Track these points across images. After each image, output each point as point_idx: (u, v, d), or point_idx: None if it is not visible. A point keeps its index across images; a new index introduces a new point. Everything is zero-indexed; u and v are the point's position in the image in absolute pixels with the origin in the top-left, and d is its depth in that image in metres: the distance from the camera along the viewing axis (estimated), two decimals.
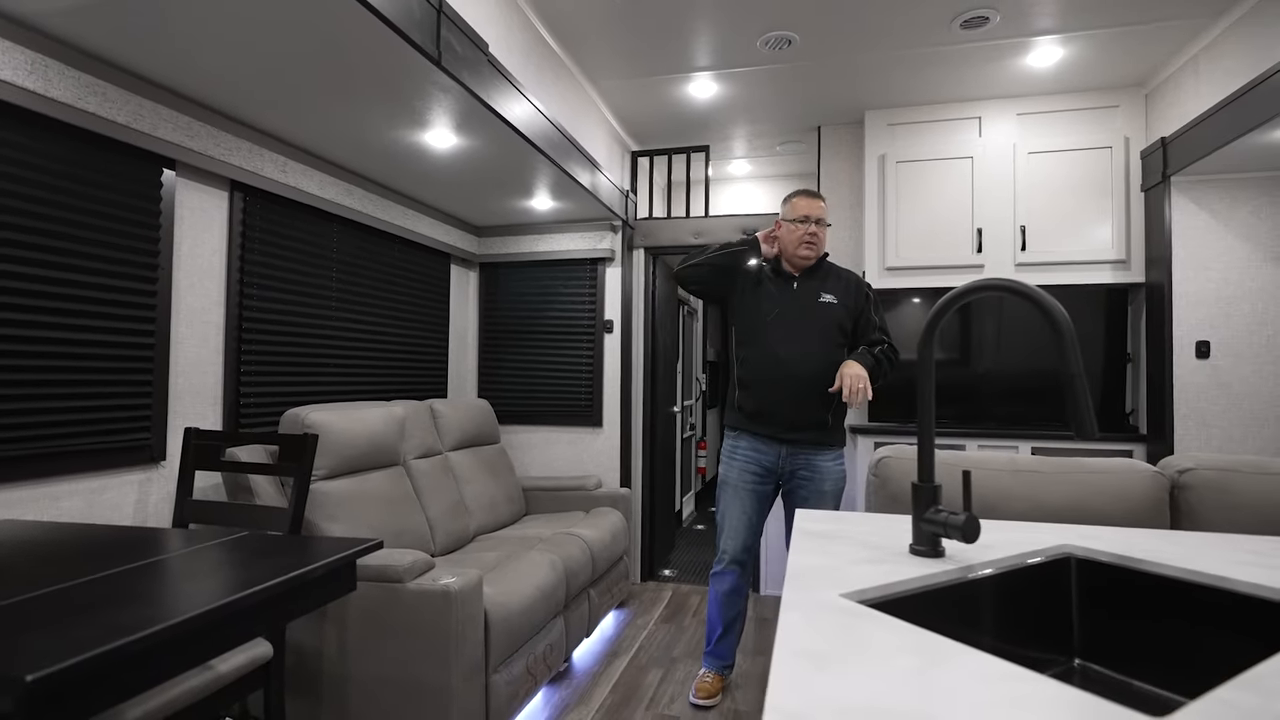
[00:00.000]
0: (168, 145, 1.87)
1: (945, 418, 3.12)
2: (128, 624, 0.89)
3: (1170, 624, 0.97)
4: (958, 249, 3.03)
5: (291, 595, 1.16)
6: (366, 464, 2.32)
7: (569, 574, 2.41)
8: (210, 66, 1.74)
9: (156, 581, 1.12)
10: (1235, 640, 0.90)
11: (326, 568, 1.18)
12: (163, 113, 1.85)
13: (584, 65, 2.83)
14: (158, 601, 1.01)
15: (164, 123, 1.86)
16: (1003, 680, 0.58)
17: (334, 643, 1.82)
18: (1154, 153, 2.73)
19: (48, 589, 1.04)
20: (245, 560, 1.26)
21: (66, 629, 0.87)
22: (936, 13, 2.36)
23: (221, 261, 2.12)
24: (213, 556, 1.29)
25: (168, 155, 1.88)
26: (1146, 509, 1.32)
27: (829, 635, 0.68)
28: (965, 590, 0.95)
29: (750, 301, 2.19)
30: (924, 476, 1.02)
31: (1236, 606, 0.90)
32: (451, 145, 2.33)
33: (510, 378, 3.64)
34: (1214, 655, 0.93)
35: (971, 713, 0.52)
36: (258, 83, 1.84)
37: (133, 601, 1.00)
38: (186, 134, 1.92)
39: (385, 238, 2.92)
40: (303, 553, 1.29)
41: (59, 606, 0.97)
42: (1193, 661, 0.94)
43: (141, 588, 1.08)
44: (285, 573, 1.13)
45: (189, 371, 2.01)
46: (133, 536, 1.46)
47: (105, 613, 0.94)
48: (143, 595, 1.04)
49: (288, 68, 1.76)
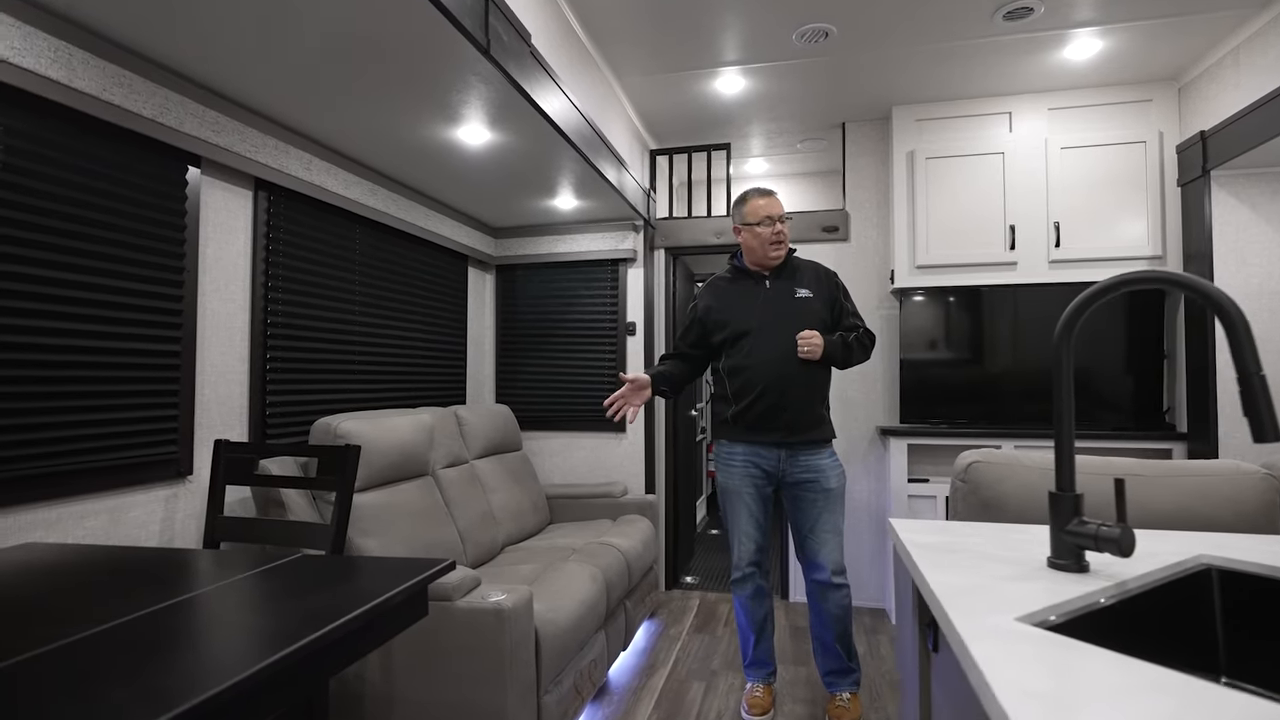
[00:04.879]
0: (194, 141, 1.77)
1: (963, 417, 3.07)
2: (175, 687, 0.72)
3: None
4: (990, 246, 2.98)
5: (364, 631, 1.07)
6: (397, 475, 2.23)
7: (609, 586, 2.32)
8: (239, 58, 1.64)
9: (202, 620, 0.98)
10: None
11: (403, 594, 1.08)
12: (190, 107, 1.75)
13: (611, 59, 2.75)
14: (208, 650, 0.86)
15: (191, 117, 1.75)
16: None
17: (377, 664, 1.72)
18: (1192, 147, 2.70)
19: (75, 635, 0.89)
20: (302, 589, 1.15)
21: (98, 693, 0.72)
22: (980, 3, 2.31)
23: (246, 264, 2.01)
24: (264, 586, 1.19)
25: (194, 152, 1.77)
26: (1257, 513, 1.26)
27: (1043, 672, 0.61)
28: (1124, 608, 0.87)
29: (728, 312, 2.15)
30: (1064, 485, 0.95)
31: None
32: (483, 141, 2.24)
33: (529, 383, 3.54)
34: None
35: None
36: (288, 76, 1.75)
37: (177, 651, 0.85)
38: (213, 129, 1.82)
39: (406, 239, 2.82)
40: (366, 578, 1.19)
41: (89, 659, 0.81)
42: None
43: (185, 630, 0.93)
44: (356, 605, 1.03)
45: (215, 381, 1.90)
46: (165, 560, 1.36)
47: (145, 670, 0.77)
48: (188, 641, 0.89)
49: (321, 61, 1.67)
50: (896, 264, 3.11)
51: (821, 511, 2.07)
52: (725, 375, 2.16)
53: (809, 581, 2.11)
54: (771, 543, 2.20)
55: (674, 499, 3.59)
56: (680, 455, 3.72)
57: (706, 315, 2.20)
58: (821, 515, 2.07)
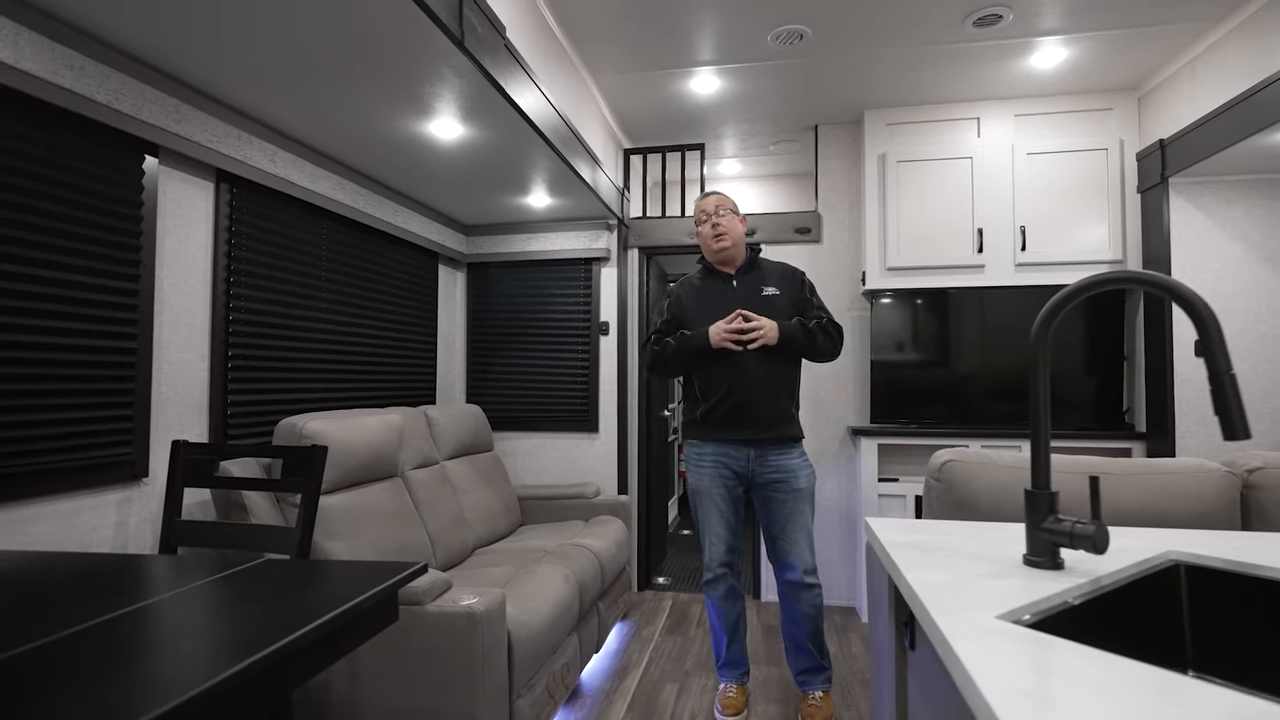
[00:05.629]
0: (151, 129, 1.69)
1: (932, 418, 3.12)
2: (131, 700, 0.68)
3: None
4: (959, 249, 3.03)
5: (334, 637, 1.03)
6: (366, 476, 2.17)
7: (582, 588, 2.29)
8: (201, 44, 1.58)
9: (158, 629, 0.92)
10: None
11: (372, 600, 1.05)
12: (147, 93, 1.68)
13: (586, 57, 2.73)
14: (165, 661, 0.81)
15: (148, 104, 1.68)
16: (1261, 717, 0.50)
17: (344, 671, 1.67)
18: (1151, 155, 2.78)
19: (22, 647, 0.82)
20: (265, 595, 1.10)
21: (48, 707, 0.67)
22: (952, 9, 2.34)
23: (207, 258, 1.94)
24: (224, 593, 1.14)
25: (151, 140, 1.70)
26: (1219, 510, 1.29)
27: (1026, 669, 0.61)
28: (1098, 604, 0.88)
29: (696, 311, 2.16)
30: (1039, 483, 0.96)
31: None
32: (456, 136, 2.20)
33: (501, 382, 3.50)
34: None
35: None
36: (252, 65, 1.69)
37: (132, 662, 0.80)
38: (172, 118, 1.75)
39: (375, 235, 2.75)
40: (333, 583, 1.15)
41: (38, 671, 0.75)
42: None
43: (140, 639, 0.88)
44: (323, 611, 0.99)
45: (174, 379, 1.83)
46: (119, 566, 1.30)
47: (99, 682, 0.72)
48: (144, 652, 0.84)
49: (287, 49, 1.61)
50: (867, 266, 3.15)
51: (792, 512, 2.07)
52: (693, 374, 2.16)
53: (781, 582, 2.11)
54: (743, 543, 2.20)
55: (646, 500, 3.57)
56: (653, 456, 3.71)
57: (680, 311, 2.20)
58: (792, 515, 2.07)
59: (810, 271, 2.96)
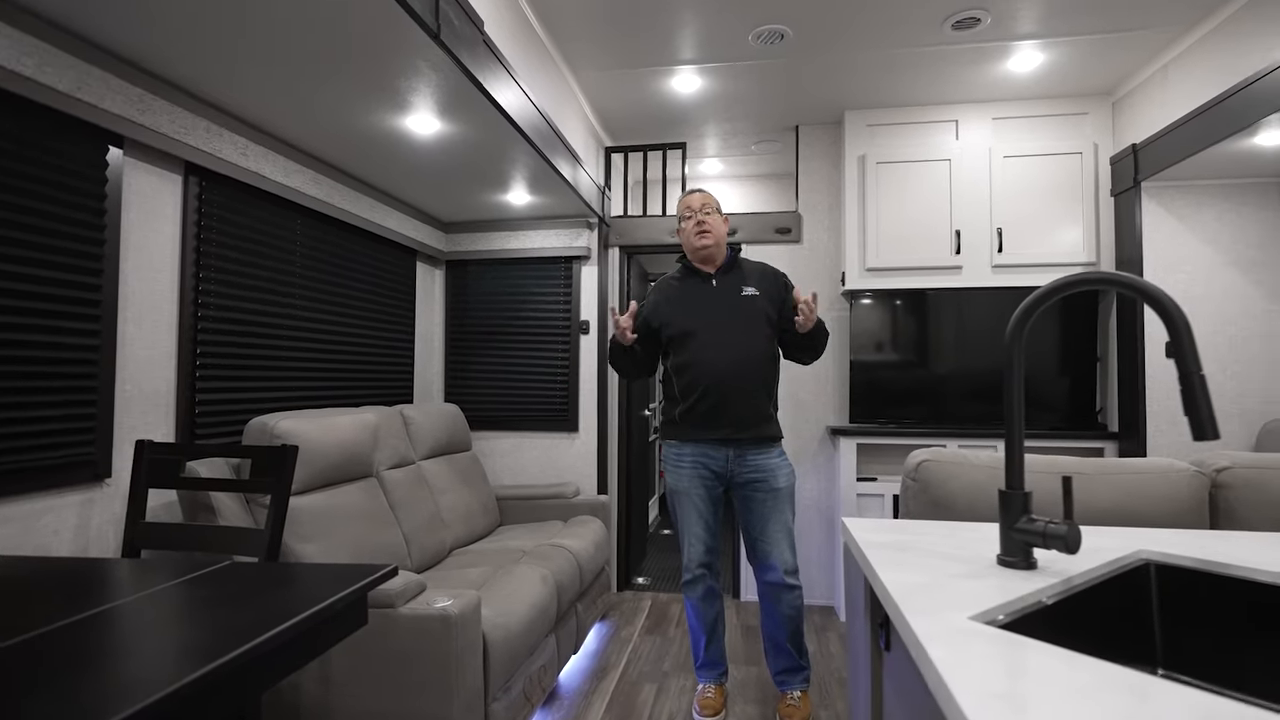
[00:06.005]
0: (116, 120, 1.64)
1: (910, 417, 3.14)
2: (92, 705, 0.67)
3: (1255, 629, 0.94)
4: (937, 250, 3.05)
5: (301, 641, 1.00)
6: (339, 476, 2.13)
7: (560, 589, 2.28)
8: (167, 34, 1.54)
9: (120, 634, 0.90)
10: None
11: (341, 603, 1.02)
12: (111, 82, 1.63)
13: (567, 53, 2.71)
14: (127, 666, 0.80)
15: (112, 94, 1.63)
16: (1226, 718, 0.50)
17: (315, 674, 1.64)
18: (1124, 159, 2.82)
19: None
20: (231, 599, 1.08)
21: (6, 713, 0.66)
22: (931, 12, 2.36)
23: (175, 253, 1.89)
24: (189, 596, 1.11)
25: (116, 131, 1.65)
26: (1188, 509, 1.31)
27: (999, 671, 0.61)
28: (1071, 604, 0.89)
29: (675, 310, 2.15)
30: (1014, 483, 0.96)
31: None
32: (433, 131, 2.17)
33: (480, 382, 3.46)
34: None
35: None
36: (221, 55, 1.64)
37: (93, 667, 0.78)
38: (137, 108, 1.70)
39: (351, 231, 2.71)
40: (302, 586, 1.13)
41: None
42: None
43: (101, 644, 0.86)
44: (290, 615, 0.96)
45: (138, 376, 1.78)
46: (80, 570, 1.26)
47: (59, 688, 0.71)
48: (105, 657, 0.82)
49: (258, 40, 1.57)
50: (847, 266, 3.16)
51: (771, 511, 2.07)
52: (672, 373, 2.15)
53: (761, 583, 2.10)
54: (722, 544, 2.19)
55: (626, 499, 3.56)
56: (633, 455, 3.69)
57: (653, 312, 2.18)
58: (771, 515, 2.07)
59: (791, 272, 2.97)
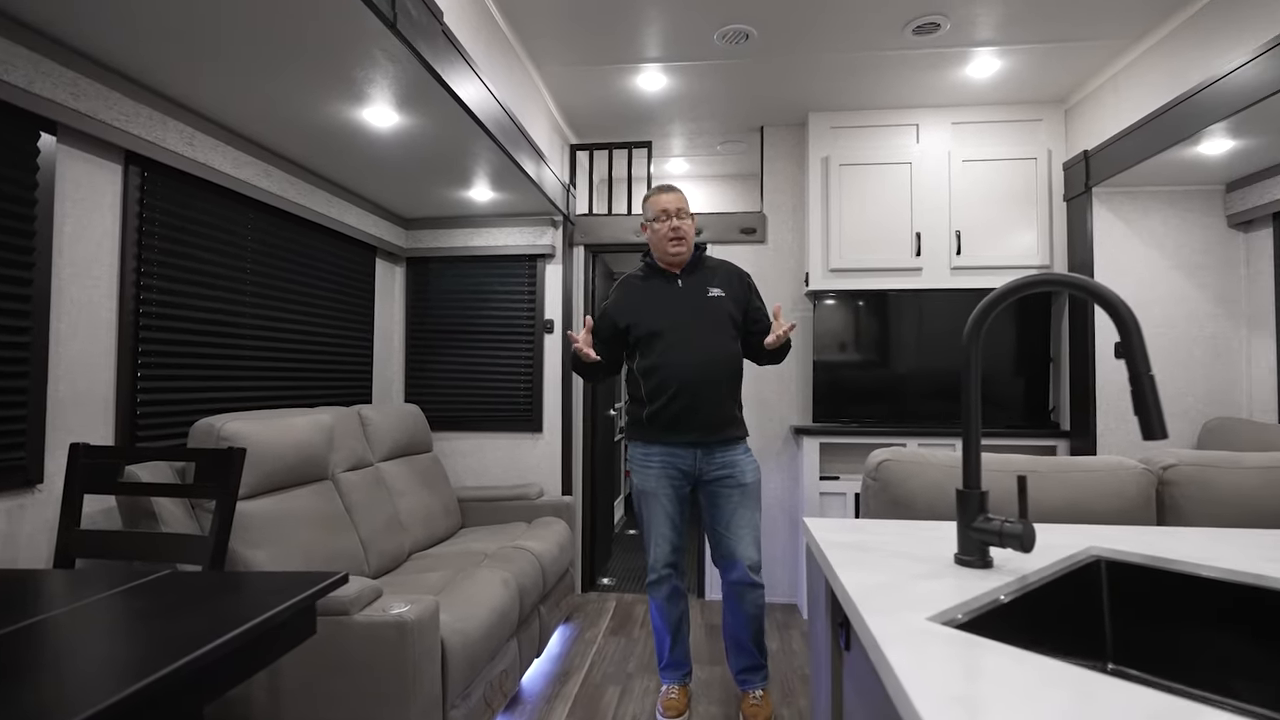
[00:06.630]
0: (48, 104, 1.55)
1: (871, 417, 3.19)
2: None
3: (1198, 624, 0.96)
4: (898, 252, 3.10)
5: (245, 653, 0.95)
6: (292, 479, 2.06)
7: (522, 591, 2.24)
8: (105, 13, 1.46)
9: (51, 648, 0.86)
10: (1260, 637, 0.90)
11: (287, 613, 0.98)
12: (42, 65, 1.54)
13: (530, 48, 2.67)
14: (57, 681, 0.76)
15: (44, 77, 1.54)
16: (1171, 714, 0.51)
17: (264, 685, 1.58)
18: (1076, 165, 2.90)
19: None
20: (169, 610, 1.03)
21: None
22: (892, 16, 2.39)
23: (115, 246, 1.80)
24: (124, 608, 1.05)
25: (47, 116, 1.56)
26: (1136, 506, 1.34)
27: (956, 673, 0.60)
28: (1025, 602, 0.90)
29: (640, 311, 2.12)
30: (970, 483, 0.96)
31: (1251, 602, 0.91)
32: (392, 124, 2.11)
33: (441, 381, 3.40)
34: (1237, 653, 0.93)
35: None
36: (163, 38, 1.57)
37: (21, 683, 0.74)
38: (72, 92, 1.61)
39: (307, 226, 2.62)
40: (246, 595, 1.08)
41: None
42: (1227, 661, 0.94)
43: (30, 659, 0.82)
44: (231, 626, 0.92)
45: (73, 376, 1.69)
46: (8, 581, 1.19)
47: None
48: (34, 672, 0.78)
49: (204, 22, 1.50)
50: (811, 267, 3.19)
51: (738, 506, 2.07)
52: (639, 375, 2.12)
53: (726, 582, 2.10)
54: (687, 543, 2.18)
55: (591, 500, 3.53)
56: (598, 455, 3.67)
57: (618, 313, 2.15)
58: (738, 510, 2.07)
59: (755, 272, 2.97)
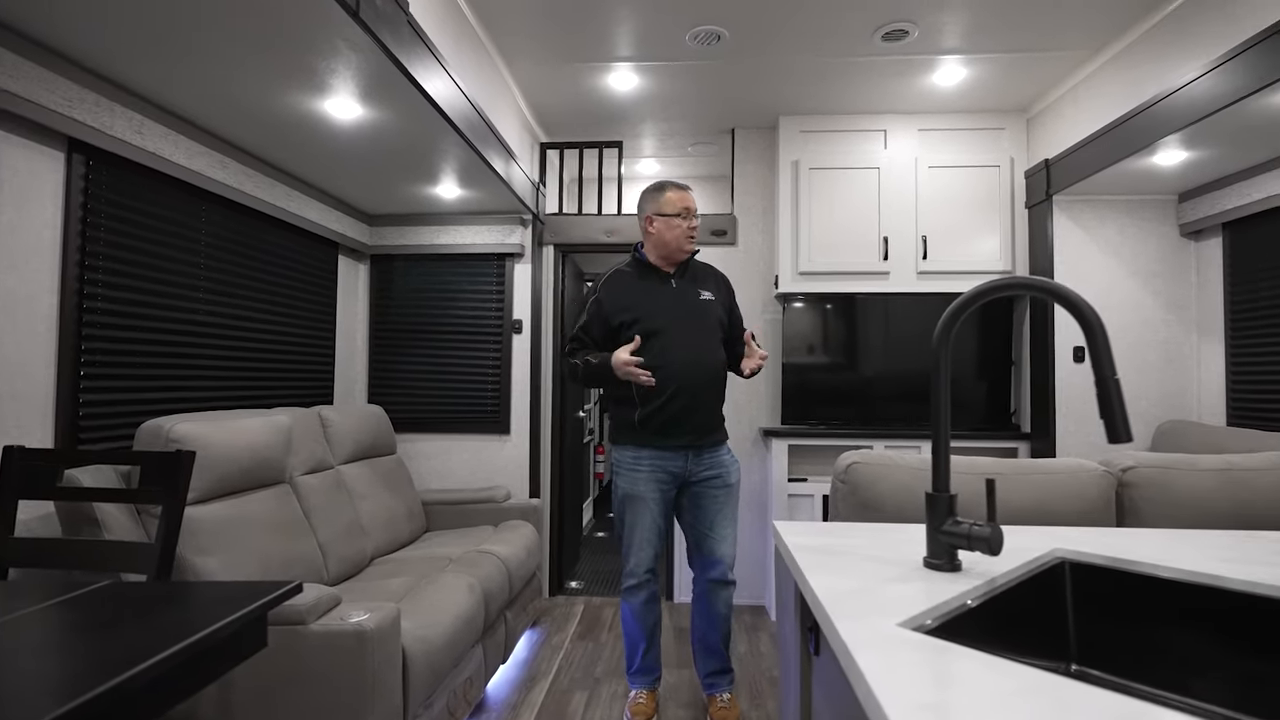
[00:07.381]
0: None
1: (839, 419, 3.22)
2: None
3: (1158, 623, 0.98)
4: (866, 256, 3.13)
5: (188, 668, 0.90)
6: (247, 483, 1.98)
7: (488, 597, 2.19)
8: None
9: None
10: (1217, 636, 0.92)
11: (235, 625, 0.93)
12: None
13: (501, 45, 2.62)
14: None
15: None
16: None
17: (214, 698, 1.51)
18: (1038, 173, 2.97)
19: None
20: (109, 623, 0.97)
21: None
22: (862, 22, 2.41)
23: (56, 238, 1.71)
24: (59, 621, 0.99)
25: None
26: (1097, 507, 1.36)
27: (927, 680, 0.59)
28: (993, 604, 0.90)
29: (635, 309, 2.06)
30: (939, 486, 0.96)
31: (1209, 601, 0.92)
32: (355, 117, 2.05)
33: (406, 382, 3.32)
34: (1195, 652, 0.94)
35: None
36: (107, 17, 1.49)
37: None
38: (8, 74, 1.52)
39: (265, 221, 2.54)
40: (193, 606, 1.03)
41: None
42: (1186, 661, 0.95)
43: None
44: (174, 640, 0.87)
45: (8, 375, 1.59)
46: None
47: None
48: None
49: (156, 5, 1.44)
50: (780, 269, 3.20)
51: (723, 506, 2.07)
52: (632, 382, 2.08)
53: (703, 581, 2.09)
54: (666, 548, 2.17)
55: (559, 502, 3.49)
56: (567, 458, 3.63)
57: (613, 309, 2.08)
58: (723, 510, 2.07)
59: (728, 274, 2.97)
